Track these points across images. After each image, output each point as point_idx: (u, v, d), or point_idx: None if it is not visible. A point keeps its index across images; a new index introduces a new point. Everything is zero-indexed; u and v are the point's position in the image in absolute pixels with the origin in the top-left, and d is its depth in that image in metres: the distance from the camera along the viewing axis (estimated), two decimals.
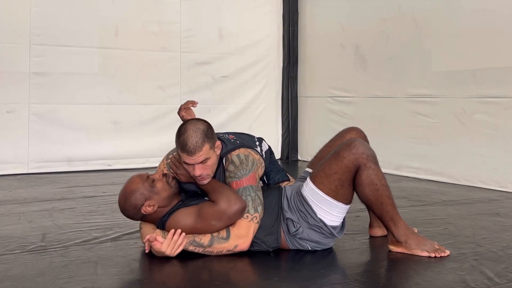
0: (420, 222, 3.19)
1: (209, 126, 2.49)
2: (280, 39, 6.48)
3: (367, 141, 2.80)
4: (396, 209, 2.50)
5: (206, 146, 2.41)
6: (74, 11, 5.40)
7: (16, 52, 5.17)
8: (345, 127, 2.94)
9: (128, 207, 2.50)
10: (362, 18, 5.62)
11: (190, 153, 2.39)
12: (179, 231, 2.41)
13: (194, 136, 2.40)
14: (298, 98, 6.52)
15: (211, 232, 2.42)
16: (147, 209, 2.48)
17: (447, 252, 2.50)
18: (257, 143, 2.74)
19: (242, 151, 2.56)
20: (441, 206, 3.74)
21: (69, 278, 2.19)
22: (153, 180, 2.49)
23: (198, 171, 2.43)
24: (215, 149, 2.48)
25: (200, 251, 2.42)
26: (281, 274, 2.34)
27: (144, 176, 2.51)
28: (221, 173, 2.56)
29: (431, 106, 4.90)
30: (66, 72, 5.38)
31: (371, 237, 2.86)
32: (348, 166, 2.39)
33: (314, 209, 2.47)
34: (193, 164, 2.43)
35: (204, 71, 6.04)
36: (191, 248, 2.42)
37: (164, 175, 2.53)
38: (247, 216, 2.41)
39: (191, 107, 2.92)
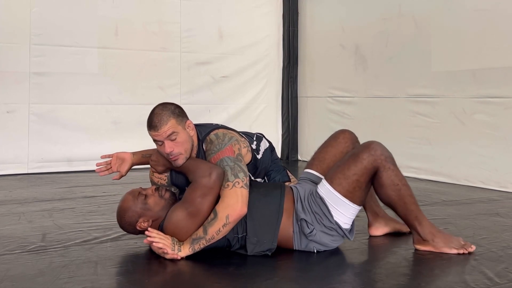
0: None
1: (177, 106, 2.53)
2: (280, 39, 6.48)
3: (358, 143, 2.81)
4: (419, 208, 2.52)
5: (172, 121, 2.44)
6: (74, 11, 5.40)
7: (16, 52, 5.17)
8: (345, 127, 2.95)
9: (124, 225, 2.53)
10: (362, 18, 5.62)
11: (156, 128, 2.43)
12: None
13: (159, 113, 2.45)
14: (298, 98, 6.51)
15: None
16: (141, 225, 2.48)
17: (473, 247, 2.53)
18: (255, 142, 2.73)
19: (220, 131, 2.57)
20: (441, 206, 3.74)
21: (69, 278, 2.19)
22: (146, 196, 2.48)
23: (168, 148, 2.43)
24: (186, 128, 2.50)
25: (206, 244, 2.39)
26: (282, 274, 2.34)
27: (136, 193, 2.50)
28: (203, 157, 2.56)
29: (431, 106, 4.90)
30: (66, 72, 5.39)
31: (371, 237, 2.86)
32: (367, 168, 2.42)
33: (331, 211, 2.47)
34: (162, 141, 2.44)
35: (204, 71, 6.04)
36: (197, 248, 2.39)
37: (157, 189, 2.52)
38: (227, 185, 2.37)
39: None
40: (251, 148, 2.66)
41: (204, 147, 2.56)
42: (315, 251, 2.52)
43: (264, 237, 2.46)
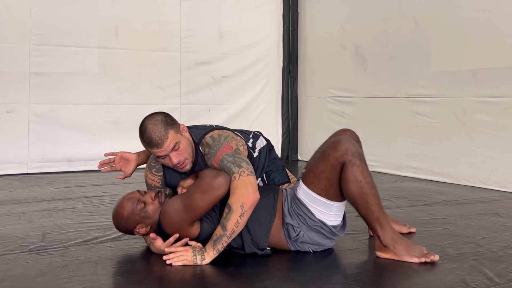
0: (420, 222, 3.19)
1: (166, 114, 2.51)
2: (280, 39, 6.48)
3: (360, 143, 2.77)
4: (382, 210, 2.43)
5: (171, 133, 2.43)
6: (74, 11, 5.40)
7: (16, 52, 5.17)
8: (345, 127, 2.94)
9: (122, 229, 2.54)
10: (362, 18, 5.62)
11: (158, 145, 2.42)
12: (183, 241, 2.42)
13: (155, 129, 2.42)
14: (298, 98, 6.52)
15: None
16: (140, 231, 2.48)
17: (437, 257, 2.39)
18: (251, 140, 2.72)
19: (215, 133, 2.56)
20: (441, 206, 3.74)
21: (69, 278, 2.19)
22: (145, 204, 2.46)
23: (175, 159, 2.43)
24: (182, 132, 2.50)
25: (228, 241, 2.36)
26: (281, 274, 2.34)
27: (135, 200, 2.47)
28: (201, 160, 2.55)
29: (431, 106, 4.90)
30: (66, 72, 5.39)
31: (371, 237, 2.85)
32: (334, 164, 2.36)
33: (312, 210, 2.44)
34: (167, 155, 2.44)
35: (204, 71, 6.04)
36: (220, 248, 2.36)
37: (156, 196, 2.49)
38: (234, 177, 2.34)
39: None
40: (247, 145, 2.66)
41: (201, 150, 2.55)
42: (311, 251, 2.52)
43: (257, 236, 2.46)
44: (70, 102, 5.42)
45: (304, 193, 2.46)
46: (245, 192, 2.32)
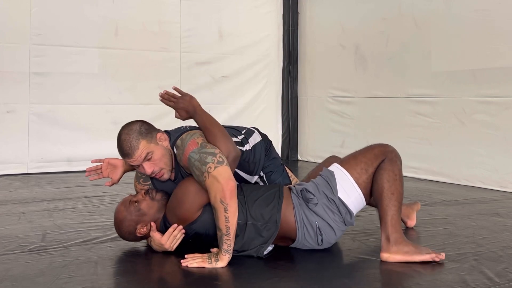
0: (420, 222, 3.19)
1: (142, 123, 2.51)
2: (280, 39, 6.48)
3: None
4: (400, 212, 2.46)
5: (143, 143, 2.42)
6: (74, 11, 5.41)
7: (16, 52, 5.17)
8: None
9: (125, 235, 2.53)
10: (362, 18, 5.62)
11: (129, 155, 2.42)
12: (180, 227, 2.43)
13: (127, 139, 2.43)
14: (298, 98, 6.52)
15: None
16: (141, 231, 2.49)
17: (443, 255, 2.42)
18: (243, 136, 2.70)
19: (184, 135, 2.52)
20: (441, 206, 3.74)
21: (69, 278, 2.19)
22: (137, 202, 2.48)
23: (148, 169, 2.44)
24: (158, 142, 2.47)
25: (230, 238, 2.33)
26: (281, 274, 2.33)
27: (127, 202, 2.50)
28: (178, 165, 2.53)
29: (431, 106, 4.90)
30: (66, 72, 5.39)
31: (371, 237, 2.85)
32: (377, 155, 2.50)
33: (337, 186, 2.49)
34: (140, 164, 2.44)
35: (204, 71, 6.04)
36: (226, 247, 2.33)
37: (147, 192, 2.52)
38: (204, 177, 2.31)
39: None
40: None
41: (176, 152, 2.53)
42: (317, 225, 2.48)
43: (267, 217, 2.44)
44: (70, 102, 5.42)
45: (336, 169, 2.54)
46: (217, 187, 2.29)
